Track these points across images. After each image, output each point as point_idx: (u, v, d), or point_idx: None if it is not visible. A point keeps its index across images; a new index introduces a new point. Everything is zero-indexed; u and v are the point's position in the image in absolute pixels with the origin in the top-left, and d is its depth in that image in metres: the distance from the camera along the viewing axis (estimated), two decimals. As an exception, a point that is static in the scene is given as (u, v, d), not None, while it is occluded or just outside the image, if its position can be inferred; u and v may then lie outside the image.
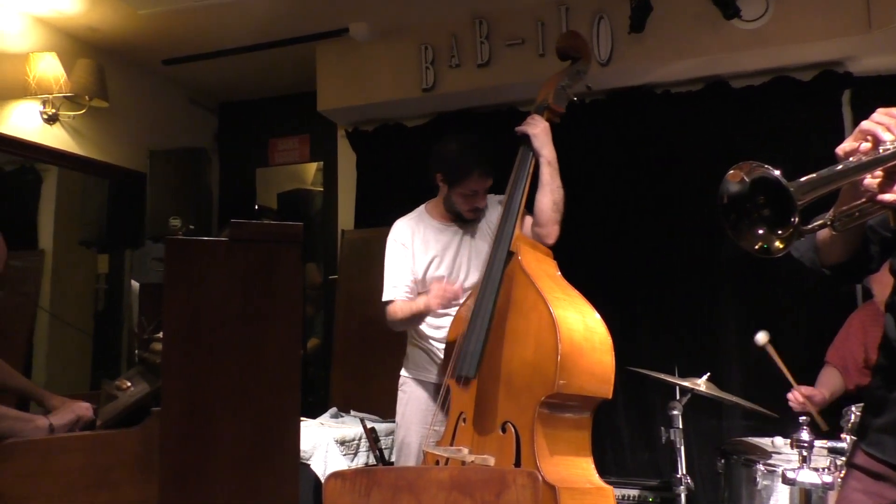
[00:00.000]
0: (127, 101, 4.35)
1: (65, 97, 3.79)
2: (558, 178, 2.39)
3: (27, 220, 4.36)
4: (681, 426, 2.59)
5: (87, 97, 3.87)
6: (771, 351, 2.56)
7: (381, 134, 4.31)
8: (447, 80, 3.88)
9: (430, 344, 2.60)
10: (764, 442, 2.63)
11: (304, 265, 4.63)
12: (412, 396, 2.63)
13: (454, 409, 2.20)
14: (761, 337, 2.53)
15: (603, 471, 2.03)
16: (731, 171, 1.19)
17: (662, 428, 2.66)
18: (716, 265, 3.52)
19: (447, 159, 2.54)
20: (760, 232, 1.18)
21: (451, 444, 2.15)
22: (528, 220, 2.44)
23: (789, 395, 2.61)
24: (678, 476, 2.55)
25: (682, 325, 3.57)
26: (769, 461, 2.37)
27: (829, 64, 3.47)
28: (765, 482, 2.32)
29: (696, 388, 2.58)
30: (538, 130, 2.38)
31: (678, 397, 2.65)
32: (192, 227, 4.02)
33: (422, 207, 2.74)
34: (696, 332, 3.55)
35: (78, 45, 4.04)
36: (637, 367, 2.67)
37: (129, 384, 2.22)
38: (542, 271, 2.14)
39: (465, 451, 2.05)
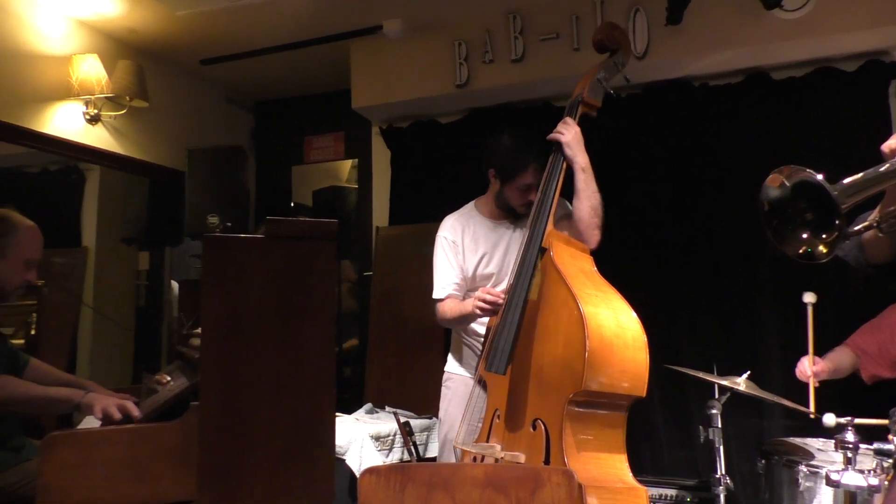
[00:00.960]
0: (166, 101, 4.43)
1: (106, 98, 3.87)
2: (594, 184, 2.36)
3: (71, 218, 4.47)
4: (720, 425, 2.55)
5: (127, 98, 3.95)
6: (810, 313, 2.52)
7: (415, 131, 4.31)
8: (481, 76, 3.87)
9: (477, 341, 2.59)
10: (806, 442, 2.57)
11: (340, 262, 4.67)
12: (457, 393, 2.61)
13: (490, 406, 2.20)
14: (809, 297, 2.54)
15: (639, 470, 2.00)
16: (771, 176, 1.16)
17: (701, 427, 2.62)
18: (756, 261, 3.45)
19: (501, 154, 2.51)
20: (804, 237, 1.15)
21: (487, 441, 2.14)
22: (571, 226, 2.41)
23: (798, 367, 2.57)
24: (717, 476, 2.51)
25: (722, 323, 3.50)
26: (812, 462, 2.31)
27: (875, 53, 3.36)
28: (807, 483, 2.26)
29: (736, 386, 2.52)
30: (569, 138, 2.32)
31: (717, 396, 2.61)
32: (229, 224, 4.08)
33: (471, 204, 2.72)
34: (736, 330, 3.47)
35: (118, 46, 4.12)
36: (675, 366, 2.63)
37: (168, 379, 2.27)
38: (576, 267, 2.12)
39: (497, 447, 2.04)
